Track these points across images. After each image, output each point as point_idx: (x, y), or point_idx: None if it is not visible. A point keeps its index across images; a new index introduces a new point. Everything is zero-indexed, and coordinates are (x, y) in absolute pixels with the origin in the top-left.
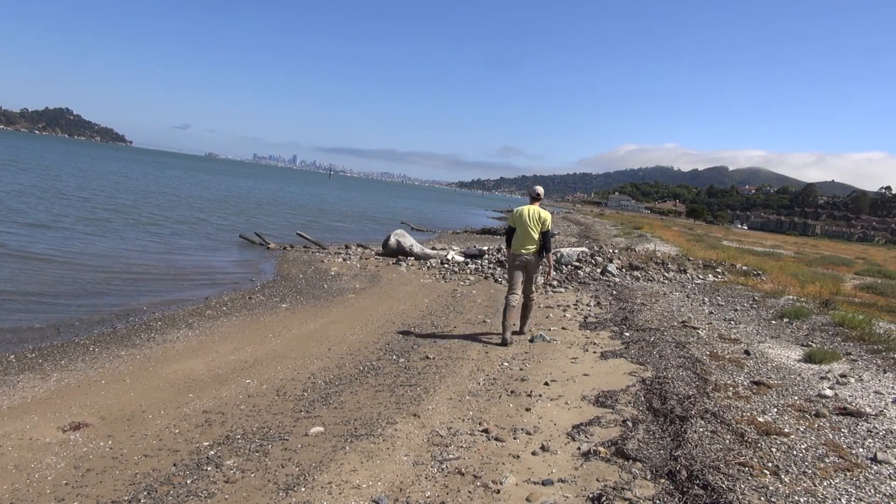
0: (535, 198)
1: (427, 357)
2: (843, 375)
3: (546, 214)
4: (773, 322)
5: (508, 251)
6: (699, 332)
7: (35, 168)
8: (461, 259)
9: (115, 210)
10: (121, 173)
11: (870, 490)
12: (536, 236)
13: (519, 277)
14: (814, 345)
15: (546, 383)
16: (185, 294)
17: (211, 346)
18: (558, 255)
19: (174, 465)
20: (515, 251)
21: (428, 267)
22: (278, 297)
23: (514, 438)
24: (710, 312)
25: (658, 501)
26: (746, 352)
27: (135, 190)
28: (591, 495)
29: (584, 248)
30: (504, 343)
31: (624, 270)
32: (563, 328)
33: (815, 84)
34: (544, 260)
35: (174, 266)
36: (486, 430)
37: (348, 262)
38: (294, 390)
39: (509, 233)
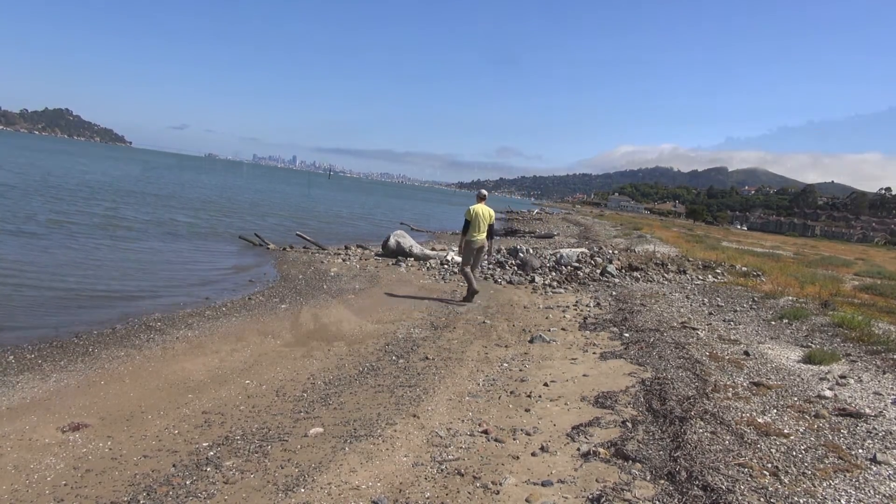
0: (482, 198)
1: (426, 357)
2: (842, 376)
3: (492, 212)
4: (773, 323)
5: (463, 238)
6: (699, 332)
7: (22, 170)
8: (461, 260)
9: (114, 211)
10: (122, 174)
11: (869, 491)
12: (486, 227)
13: (473, 255)
14: (813, 346)
15: (545, 384)
16: (185, 294)
17: (210, 347)
18: (558, 255)
19: (173, 465)
20: (471, 238)
21: (427, 268)
22: (278, 297)
23: (514, 439)
24: (710, 313)
25: (658, 502)
26: (746, 353)
27: (134, 190)
28: (590, 496)
29: (583, 249)
30: (474, 291)
31: (623, 271)
32: (563, 329)
33: (813, 84)
34: (489, 242)
35: (173, 267)
36: (485, 431)
37: (348, 263)
38: (293, 391)
39: (467, 225)
